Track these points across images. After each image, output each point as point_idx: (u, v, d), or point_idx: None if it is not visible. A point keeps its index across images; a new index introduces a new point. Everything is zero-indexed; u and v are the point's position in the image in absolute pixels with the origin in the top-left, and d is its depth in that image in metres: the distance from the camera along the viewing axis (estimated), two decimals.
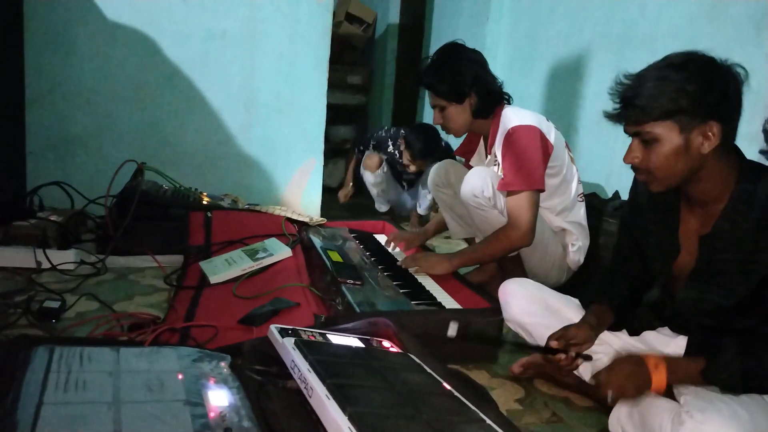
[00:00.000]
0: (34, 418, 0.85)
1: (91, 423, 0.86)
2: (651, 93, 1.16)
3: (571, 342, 1.39)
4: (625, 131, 1.23)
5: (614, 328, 1.49)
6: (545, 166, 2.04)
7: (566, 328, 1.41)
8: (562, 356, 1.38)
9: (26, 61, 2.56)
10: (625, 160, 1.24)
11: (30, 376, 0.98)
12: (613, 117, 1.24)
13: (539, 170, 2.01)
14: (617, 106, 1.22)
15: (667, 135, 1.17)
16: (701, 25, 2.21)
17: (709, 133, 1.16)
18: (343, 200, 3.92)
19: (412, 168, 3.51)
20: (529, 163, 2.00)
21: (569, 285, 2.19)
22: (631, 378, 1.22)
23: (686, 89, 1.14)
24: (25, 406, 0.88)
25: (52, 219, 2.25)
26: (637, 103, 1.17)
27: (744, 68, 1.18)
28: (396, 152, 3.64)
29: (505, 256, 2.11)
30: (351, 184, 3.91)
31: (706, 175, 1.21)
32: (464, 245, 2.55)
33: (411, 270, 2.13)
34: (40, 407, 0.88)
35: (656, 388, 1.22)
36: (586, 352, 1.41)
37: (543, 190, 2.04)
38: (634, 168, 1.25)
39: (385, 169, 3.68)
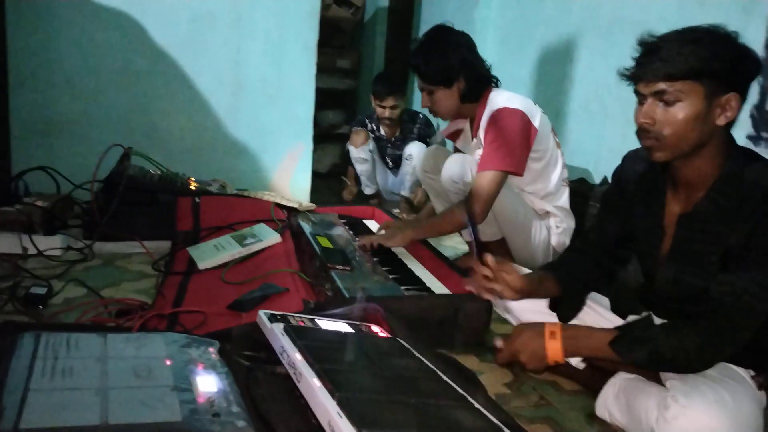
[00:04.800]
0: (21, 405, 0.84)
1: (78, 409, 0.86)
2: (683, 50, 1.11)
3: (502, 273, 1.39)
4: (642, 92, 1.17)
5: (563, 311, 1.48)
6: (526, 151, 2.03)
7: (511, 264, 1.42)
8: (480, 278, 1.39)
9: (9, 44, 2.51)
10: (637, 120, 1.18)
11: (16, 363, 0.97)
12: (637, 72, 1.17)
13: (517, 152, 2.01)
14: (643, 60, 1.16)
15: (692, 97, 1.12)
16: (691, 9, 2.21)
17: (727, 106, 1.14)
18: (348, 198, 3.90)
19: (386, 114, 3.55)
20: (508, 144, 2.00)
21: None
22: (527, 346, 1.24)
23: (720, 53, 1.10)
24: (11, 392, 0.87)
25: (37, 204, 2.23)
26: (666, 57, 1.12)
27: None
28: (374, 125, 3.72)
29: (480, 237, 2.11)
30: (352, 181, 3.90)
31: (705, 152, 1.18)
32: None
33: (372, 245, 2.11)
34: (27, 394, 0.87)
35: (553, 358, 1.24)
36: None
37: (519, 174, 2.04)
38: (642, 131, 1.18)
39: (371, 147, 3.68)
